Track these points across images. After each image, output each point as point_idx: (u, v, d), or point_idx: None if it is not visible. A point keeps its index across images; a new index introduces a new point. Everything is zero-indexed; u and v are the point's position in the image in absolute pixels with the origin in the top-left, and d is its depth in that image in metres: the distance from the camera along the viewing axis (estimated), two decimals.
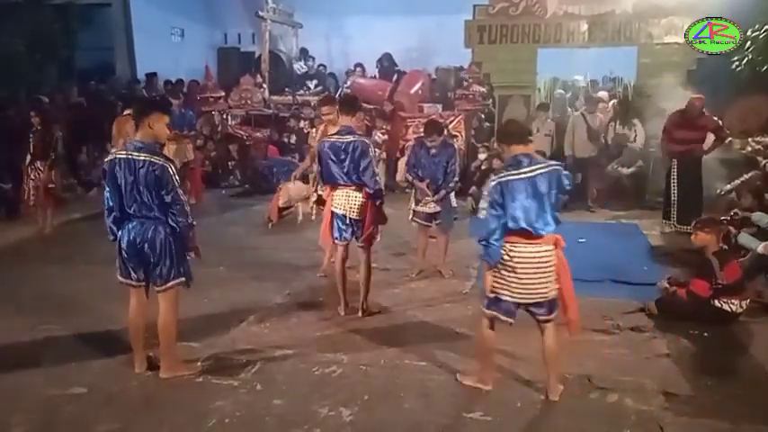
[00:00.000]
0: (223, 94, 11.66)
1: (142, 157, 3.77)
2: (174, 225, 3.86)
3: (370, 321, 5.07)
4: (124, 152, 3.84)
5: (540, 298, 3.71)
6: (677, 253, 6.72)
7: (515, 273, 3.66)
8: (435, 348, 4.56)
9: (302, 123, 11.20)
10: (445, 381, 4.10)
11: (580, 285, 5.69)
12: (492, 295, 3.76)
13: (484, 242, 3.65)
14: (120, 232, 3.93)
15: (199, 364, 4.24)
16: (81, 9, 12.10)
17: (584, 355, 4.41)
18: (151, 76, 12.35)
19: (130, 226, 3.88)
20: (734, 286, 4.94)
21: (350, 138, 4.81)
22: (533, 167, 3.61)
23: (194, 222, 3.99)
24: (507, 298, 3.72)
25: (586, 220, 8.35)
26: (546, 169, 3.63)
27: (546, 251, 3.66)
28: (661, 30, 9.34)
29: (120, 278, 4.04)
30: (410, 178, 6.14)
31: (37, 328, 4.88)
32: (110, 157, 3.94)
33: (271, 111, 11.81)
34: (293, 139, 11.42)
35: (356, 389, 3.99)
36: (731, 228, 6.10)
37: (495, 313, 3.78)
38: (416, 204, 6.06)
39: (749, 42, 8.81)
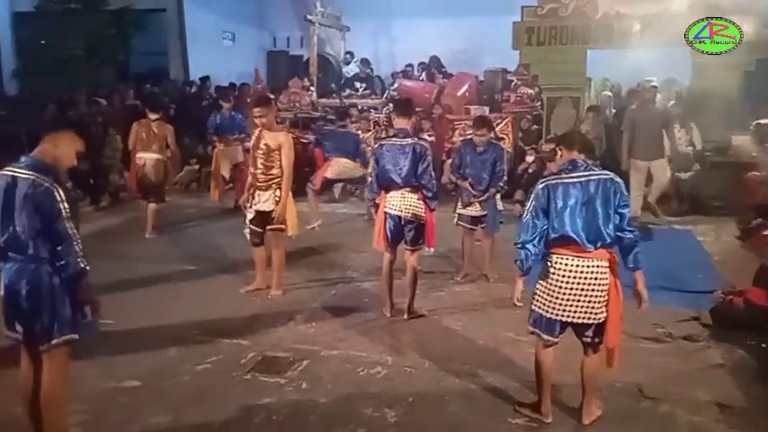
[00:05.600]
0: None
1: (26, 175, 3.02)
2: (60, 267, 3.02)
3: (415, 324, 5.07)
4: (10, 168, 3.09)
5: (586, 318, 3.40)
6: (733, 260, 6.50)
7: (558, 287, 3.36)
8: (479, 352, 4.54)
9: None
10: (489, 384, 4.07)
11: (629, 292, 5.61)
12: (536, 311, 3.50)
13: (519, 245, 3.41)
14: None
15: None
16: (137, 14, 12.49)
17: (633, 363, 4.30)
18: (204, 80, 12.65)
19: (8, 266, 3.09)
20: None
21: (409, 140, 4.88)
22: (588, 173, 3.37)
23: (87, 267, 3.08)
24: (548, 314, 3.44)
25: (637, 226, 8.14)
26: (602, 176, 3.37)
27: (597, 267, 3.34)
28: None
29: (6, 331, 3.18)
30: (454, 179, 6.14)
31: None
32: None
33: (318, 113, 11.93)
34: None
35: (400, 390, 4.00)
36: None
37: (536, 331, 3.53)
38: (462, 207, 6.05)
39: None
